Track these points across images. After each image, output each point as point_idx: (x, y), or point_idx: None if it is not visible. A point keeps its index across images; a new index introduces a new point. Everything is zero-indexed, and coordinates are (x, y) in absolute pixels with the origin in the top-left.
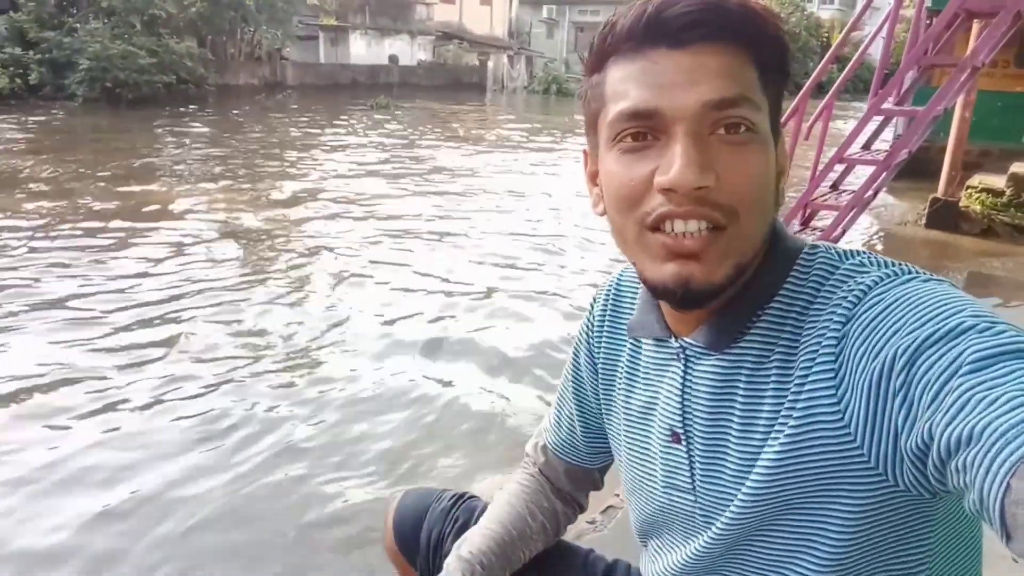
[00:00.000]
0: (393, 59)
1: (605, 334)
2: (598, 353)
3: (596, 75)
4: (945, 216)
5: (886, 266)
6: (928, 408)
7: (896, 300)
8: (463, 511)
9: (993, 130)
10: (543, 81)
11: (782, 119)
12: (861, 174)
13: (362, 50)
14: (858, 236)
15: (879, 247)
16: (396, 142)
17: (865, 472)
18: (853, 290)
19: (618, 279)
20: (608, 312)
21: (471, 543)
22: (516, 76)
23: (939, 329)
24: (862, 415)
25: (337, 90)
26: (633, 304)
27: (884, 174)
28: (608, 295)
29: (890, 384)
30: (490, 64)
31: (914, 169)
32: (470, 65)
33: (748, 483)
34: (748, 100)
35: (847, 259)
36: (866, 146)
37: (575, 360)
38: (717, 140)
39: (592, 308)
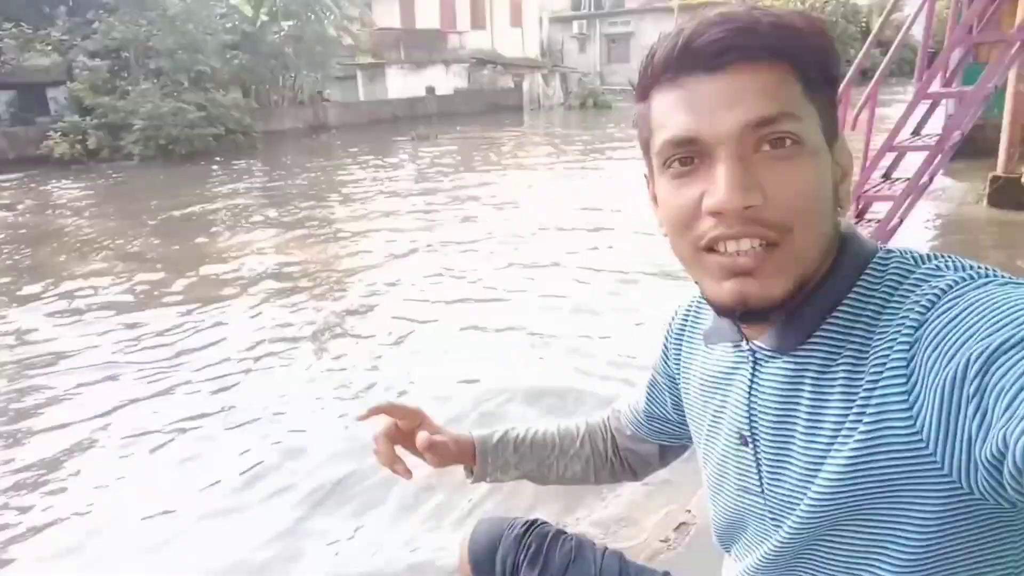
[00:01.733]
0: (430, 90)
1: (684, 345)
2: (675, 365)
3: (643, 104)
4: (1008, 193)
5: (963, 269)
6: (1002, 416)
7: (971, 304)
8: (536, 537)
9: None
10: (579, 96)
11: None
12: (914, 161)
13: (399, 84)
14: (918, 222)
15: (941, 231)
16: (440, 172)
17: (939, 479)
18: (927, 294)
19: (700, 295)
20: (688, 324)
21: (518, 428)
22: (552, 94)
23: (1016, 334)
24: (935, 421)
25: (378, 125)
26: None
27: (938, 158)
28: (688, 309)
29: (963, 390)
30: (525, 85)
31: (970, 148)
32: (505, 88)
33: (815, 485)
34: (790, 115)
35: (923, 263)
36: (916, 131)
37: (655, 367)
38: (762, 157)
39: (671, 322)
